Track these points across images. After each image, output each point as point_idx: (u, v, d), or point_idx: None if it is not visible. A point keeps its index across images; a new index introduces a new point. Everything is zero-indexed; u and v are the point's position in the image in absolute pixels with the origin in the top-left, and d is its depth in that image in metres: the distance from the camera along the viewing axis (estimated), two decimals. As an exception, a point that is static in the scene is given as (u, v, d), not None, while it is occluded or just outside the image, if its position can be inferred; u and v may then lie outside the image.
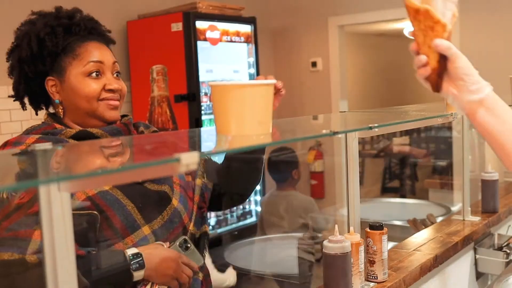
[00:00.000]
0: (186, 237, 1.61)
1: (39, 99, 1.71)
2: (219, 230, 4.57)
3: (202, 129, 3.70)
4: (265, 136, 1.17)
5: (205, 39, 4.44)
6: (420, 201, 4.84)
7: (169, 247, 1.57)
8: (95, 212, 1.48)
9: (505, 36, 4.92)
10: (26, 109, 1.75)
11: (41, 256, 1.34)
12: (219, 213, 4.64)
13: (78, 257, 1.04)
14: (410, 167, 6.52)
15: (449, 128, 5.90)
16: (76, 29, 1.66)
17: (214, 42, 4.52)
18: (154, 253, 1.51)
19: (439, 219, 3.17)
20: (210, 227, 4.49)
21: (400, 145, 6.54)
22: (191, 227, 1.68)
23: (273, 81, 1.18)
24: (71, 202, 0.93)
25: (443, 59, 1.21)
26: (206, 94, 4.48)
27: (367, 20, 5.76)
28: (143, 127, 1.81)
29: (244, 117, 1.14)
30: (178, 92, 4.38)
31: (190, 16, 4.31)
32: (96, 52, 1.65)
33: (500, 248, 2.54)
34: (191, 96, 4.34)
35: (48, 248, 0.93)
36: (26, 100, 1.73)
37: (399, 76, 10.01)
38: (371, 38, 9.42)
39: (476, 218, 2.55)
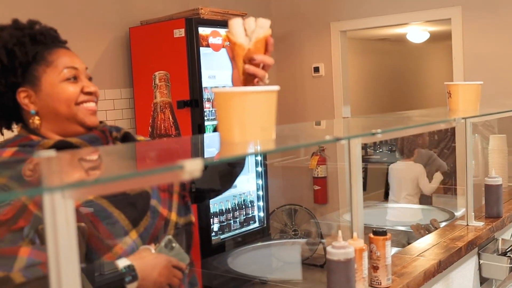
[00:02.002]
0: (171, 237, 1.61)
1: (10, 114, 1.66)
2: (222, 236, 4.56)
3: (205, 135, 3.70)
4: (268, 142, 1.17)
5: (207, 45, 4.45)
6: (424, 206, 4.83)
7: (155, 249, 1.57)
8: (82, 224, 1.46)
9: (508, 38, 4.91)
10: None
11: (28, 274, 1.34)
12: (222, 218, 4.63)
13: None
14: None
15: (452, 133, 5.89)
16: (41, 38, 1.63)
17: (216, 48, 4.52)
18: (144, 262, 1.51)
19: (443, 224, 3.17)
20: (213, 233, 4.49)
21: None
22: (172, 216, 1.68)
23: (276, 87, 1.18)
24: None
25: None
26: (208, 100, 4.48)
27: (369, 25, 5.76)
28: (115, 132, 1.76)
29: (247, 123, 1.14)
30: (180, 98, 4.38)
31: (192, 22, 4.32)
32: (68, 59, 1.64)
33: (504, 253, 2.53)
34: (193, 102, 4.34)
35: (52, 255, 0.93)
36: None
37: (401, 81, 10.01)
38: (374, 43, 9.43)
39: (480, 223, 2.54)
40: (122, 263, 1.47)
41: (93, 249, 1.48)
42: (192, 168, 0.85)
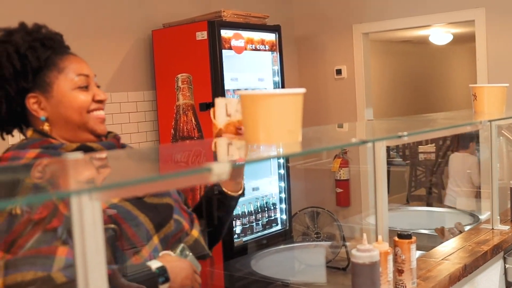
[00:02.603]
0: (184, 245, 1.62)
1: (18, 119, 1.65)
2: (244, 239, 4.56)
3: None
4: (294, 144, 1.17)
5: (230, 48, 4.45)
6: (447, 209, 4.79)
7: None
8: (113, 225, 1.46)
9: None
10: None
11: (69, 274, 1.34)
12: (245, 221, 4.63)
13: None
14: (437, 175, 6.47)
15: (477, 136, 5.84)
16: (50, 43, 1.62)
17: (239, 50, 4.53)
18: (174, 265, 1.52)
19: (467, 227, 3.13)
20: (235, 236, 4.49)
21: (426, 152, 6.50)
22: (194, 233, 1.70)
23: (302, 90, 1.18)
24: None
25: None
26: (231, 102, 4.48)
27: (392, 27, 5.73)
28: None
29: (273, 126, 1.14)
30: (203, 100, 4.39)
31: (215, 25, 4.33)
32: (79, 66, 1.63)
33: (530, 258, 2.50)
34: (216, 104, 4.35)
35: (79, 256, 0.94)
36: None
37: (424, 84, 9.95)
38: (396, 45, 9.38)
39: (506, 227, 2.51)
40: (154, 264, 1.48)
41: (121, 251, 1.48)
42: (220, 170, 0.85)
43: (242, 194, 1.83)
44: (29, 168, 1.36)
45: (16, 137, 1.69)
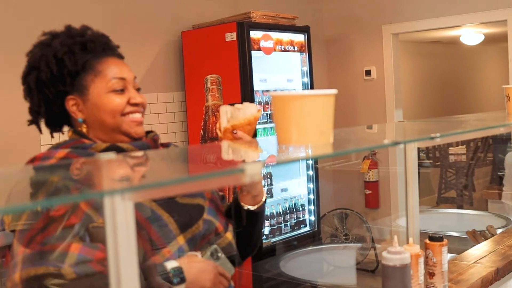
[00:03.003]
0: (217, 247, 1.61)
1: (59, 120, 1.69)
2: (273, 240, 4.56)
3: (262, 139, 3.70)
4: (326, 145, 1.16)
5: (259, 49, 4.46)
6: (479, 212, 4.74)
7: (201, 256, 1.57)
8: None
9: None
10: (42, 133, 1.73)
11: (78, 271, 1.36)
12: (273, 222, 4.63)
13: None
14: (467, 177, 6.39)
15: (508, 137, 5.76)
16: (91, 46, 1.64)
17: (268, 51, 4.53)
18: (192, 265, 1.51)
19: (499, 230, 3.10)
20: (264, 237, 4.50)
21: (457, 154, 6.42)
22: (228, 235, 1.68)
23: (334, 90, 1.17)
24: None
25: None
26: (260, 103, 4.49)
27: (422, 27, 5.67)
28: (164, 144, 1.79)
29: (305, 127, 1.13)
30: (232, 101, 4.40)
31: (244, 26, 4.33)
32: (117, 69, 1.65)
33: None
34: (245, 105, 4.35)
35: (112, 255, 0.94)
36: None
37: (454, 85, 9.84)
38: (426, 46, 9.30)
39: (539, 230, 2.47)
40: (170, 264, 1.48)
41: (141, 250, 1.48)
42: (253, 171, 0.85)
43: (260, 210, 1.75)
44: (56, 168, 1.39)
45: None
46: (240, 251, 1.74)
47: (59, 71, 1.60)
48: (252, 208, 1.73)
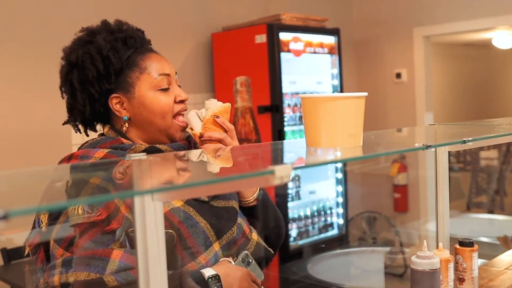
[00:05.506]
0: (248, 253, 1.60)
1: (98, 119, 1.66)
2: (300, 242, 4.55)
3: (291, 141, 3.69)
4: (355, 148, 1.16)
5: (288, 51, 4.46)
6: (510, 217, 4.67)
7: (233, 262, 1.56)
8: (171, 231, 1.44)
9: None
10: (81, 132, 1.70)
11: (120, 278, 1.35)
12: (301, 224, 4.62)
13: None
14: (499, 181, 6.30)
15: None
16: (131, 42, 1.61)
17: (297, 53, 4.52)
18: (228, 273, 1.48)
19: (531, 236, 3.04)
20: (291, 239, 4.49)
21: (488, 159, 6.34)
22: (253, 236, 1.67)
23: (365, 93, 1.16)
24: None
25: None
26: (289, 105, 4.49)
27: (453, 30, 5.61)
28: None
29: (335, 129, 1.13)
30: (261, 103, 4.41)
31: (274, 28, 4.34)
32: (160, 65, 1.63)
33: None
34: (274, 107, 4.36)
35: (141, 255, 0.95)
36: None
37: (487, 88, 9.72)
38: (457, 48, 9.19)
39: None
40: (208, 272, 1.46)
41: (177, 256, 1.47)
42: (283, 173, 0.85)
43: (254, 203, 1.71)
44: (96, 168, 1.39)
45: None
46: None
47: (105, 69, 1.56)
48: (243, 200, 1.69)
